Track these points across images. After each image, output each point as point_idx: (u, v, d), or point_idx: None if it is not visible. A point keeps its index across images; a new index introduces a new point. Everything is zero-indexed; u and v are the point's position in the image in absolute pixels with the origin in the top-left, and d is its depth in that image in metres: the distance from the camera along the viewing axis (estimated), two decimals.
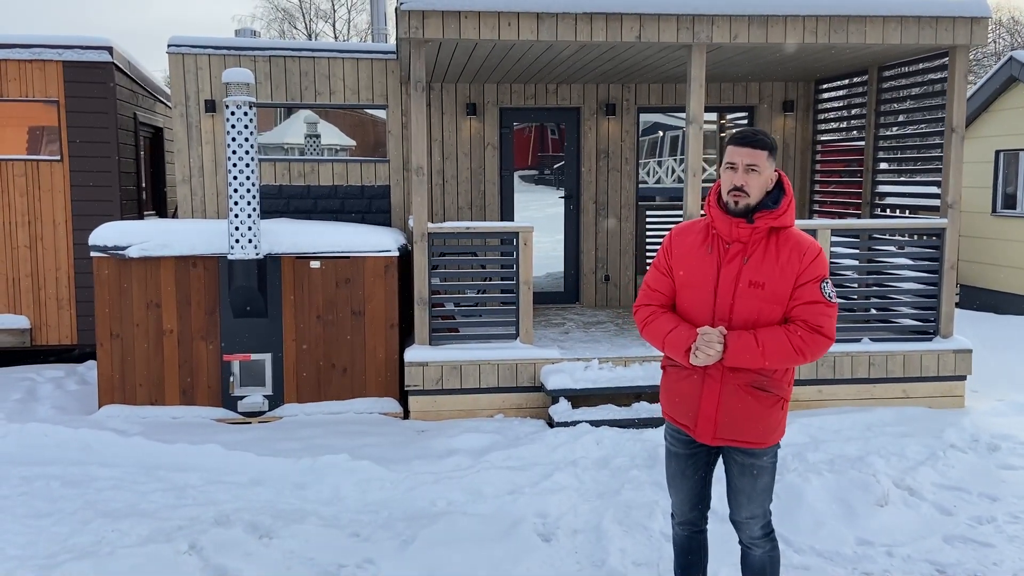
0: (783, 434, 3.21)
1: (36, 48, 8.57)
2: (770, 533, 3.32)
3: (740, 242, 3.09)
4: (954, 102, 7.02)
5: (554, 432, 6.28)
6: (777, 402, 3.13)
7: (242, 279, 6.64)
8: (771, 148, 3.08)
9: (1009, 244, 11.47)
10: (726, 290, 3.07)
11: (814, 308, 3.02)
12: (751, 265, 3.06)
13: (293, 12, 38.85)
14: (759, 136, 3.08)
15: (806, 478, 5.09)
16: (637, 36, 6.68)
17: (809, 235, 3.15)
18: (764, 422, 3.12)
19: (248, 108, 6.50)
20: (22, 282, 8.75)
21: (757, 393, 3.09)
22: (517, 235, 7.06)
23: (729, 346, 3.02)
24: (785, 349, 3.00)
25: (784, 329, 3.02)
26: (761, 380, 3.09)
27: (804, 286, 3.03)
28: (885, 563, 4.38)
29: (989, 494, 5.22)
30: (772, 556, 3.32)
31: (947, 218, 7.12)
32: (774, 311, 3.05)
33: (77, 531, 4.59)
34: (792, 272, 3.03)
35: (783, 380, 3.14)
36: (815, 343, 3.01)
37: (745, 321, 3.06)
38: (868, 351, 7.10)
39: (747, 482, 3.22)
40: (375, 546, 4.46)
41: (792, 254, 3.04)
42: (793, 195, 3.13)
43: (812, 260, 3.04)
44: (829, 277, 3.10)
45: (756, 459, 3.19)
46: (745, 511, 3.27)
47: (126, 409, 6.90)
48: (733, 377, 3.09)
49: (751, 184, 3.04)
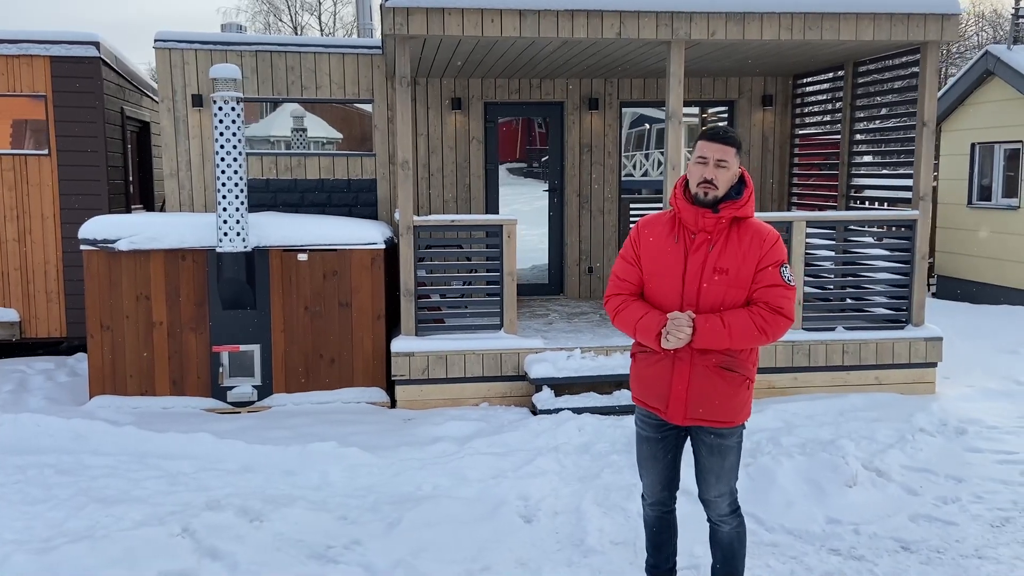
0: (749, 414, 3.41)
1: (23, 43, 8.63)
2: (737, 510, 3.50)
3: (706, 231, 3.28)
4: (925, 96, 7.21)
5: (537, 419, 6.44)
6: (744, 382, 3.32)
7: (230, 271, 6.76)
8: (739, 145, 3.29)
9: (985, 235, 11.71)
10: (694, 276, 3.27)
11: (775, 291, 3.23)
12: (715, 252, 3.26)
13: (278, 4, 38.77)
14: (729, 133, 3.28)
15: (778, 460, 5.27)
16: (617, 33, 6.83)
17: (768, 224, 3.36)
18: (732, 401, 3.31)
19: (235, 103, 6.61)
20: (11, 276, 8.83)
21: (724, 373, 3.29)
22: (501, 228, 7.21)
23: (698, 329, 3.21)
24: (750, 329, 3.20)
25: (747, 311, 3.23)
26: (728, 360, 3.29)
27: (765, 270, 3.24)
28: (852, 540, 4.57)
29: (955, 475, 5.43)
30: (739, 532, 3.51)
31: (919, 210, 7.32)
32: (738, 295, 3.25)
33: (72, 516, 4.71)
34: (754, 258, 3.24)
35: (748, 361, 3.34)
36: (776, 323, 3.23)
37: (711, 305, 3.26)
38: (842, 339, 7.30)
39: (715, 461, 3.40)
40: (362, 528, 4.62)
41: (753, 241, 3.25)
42: (753, 188, 3.32)
43: (772, 246, 3.26)
44: (787, 263, 3.31)
45: (724, 439, 3.38)
46: (714, 490, 3.45)
47: (117, 400, 7.02)
48: (702, 359, 3.28)
49: (720, 178, 3.24)
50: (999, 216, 11.46)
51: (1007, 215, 11.33)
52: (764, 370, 7.24)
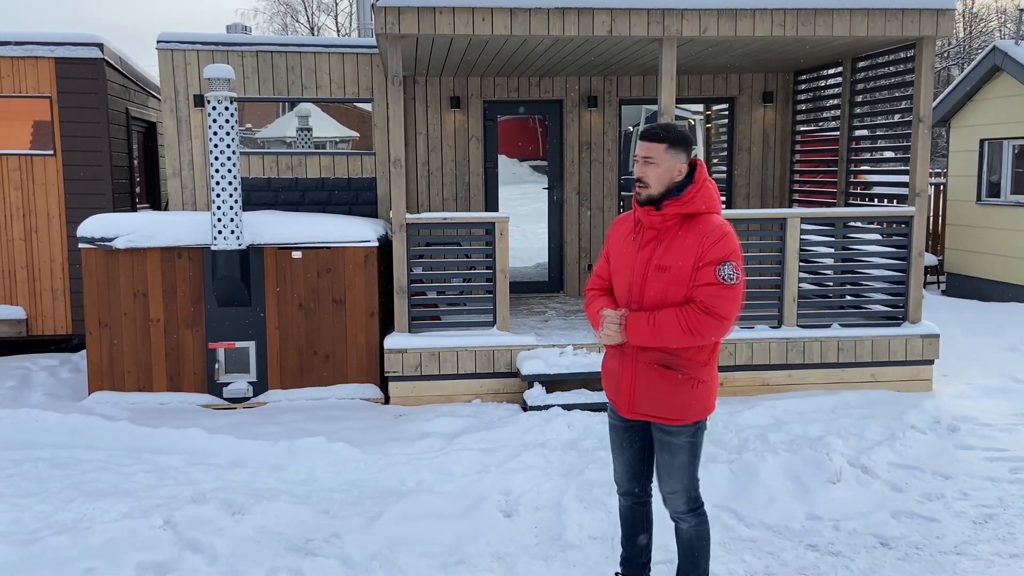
0: (702, 414, 3.37)
1: (28, 45, 8.77)
2: (696, 509, 3.49)
3: (654, 229, 3.32)
4: (921, 92, 7.16)
5: (527, 416, 6.47)
6: (688, 381, 3.30)
7: (225, 269, 6.84)
8: (670, 140, 3.26)
9: (993, 232, 11.59)
10: (639, 274, 3.32)
11: (708, 290, 3.19)
12: (661, 250, 3.28)
13: (295, 5, 39.04)
14: (655, 130, 3.30)
15: (762, 457, 5.26)
16: (609, 30, 6.84)
17: (720, 220, 3.30)
18: (674, 400, 3.31)
19: (229, 103, 6.68)
20: (18, 274, 8.98)
21: (664, 371, 3.30)
22: (494, 225, 7.24)
23: (627, 326, 3.28)
24: (675, 329, 3.19)
25: (677, 310, 3.21)
26: (668, 359, 3.30)
27: (701, 269, 3.21)
28: (831, 536, 4.56)
29: (942, 472, 5.40)
30: (699, 531, 3.51)
31: (915, 206, 7.27)
32: (678, 293, 3.25)
33: (60, 509, 4.79)
34: (692, 255, 3.22)
35: (695, 360, 3.31)
36: (705, 324, 3.18)
37: (653, 302, 3.28)
38: (837, 336, 7.26)
39: (665, 458, 3.42)
40: (343, 522, 4.66)
41: (696, 239, 3.23)
42: (705, 183, 3.30)
43: (712, 244, 3.20)
44: (735, 260, 3.22)
45: (671, 436, 3.38)
46: (666, 485, 3.46)
47: (115, 395, 7.12)
48: (643, 355, 3.33)
49: (649, 175, 3.27)
50: (1008, 213, 11.34)
51: (1016, 212, 11.20)
52: (758, 367, 7.23)
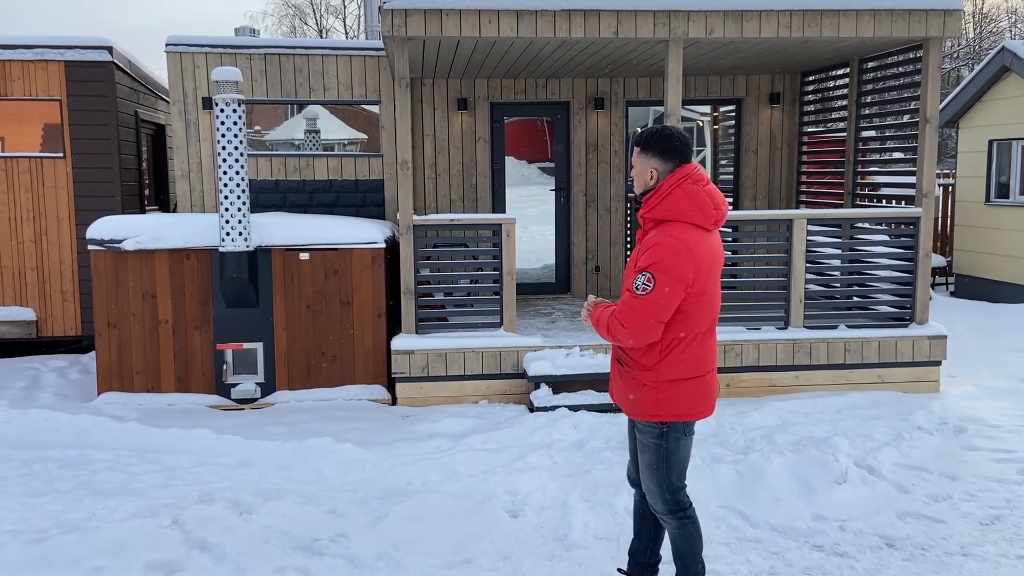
0: (655, 418, 3.39)
1: (38, 48, 8.84)
2: (676, 512, 3.49)
3: (642, 229, 3.48)
4: (928, 93, 7.15)
5: (534, 416, 6.48)
6: (632, 380, 3.40)
7: (233, 270, 6.88)
8: (643, 144, 3.37)
9: (1002, 233, 11.54)
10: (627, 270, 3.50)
11: (623, 296, 3.38)
12: (635, 250, 3.46)
13: (304, 8, 39.18)
14: (638, 134, 3.45)
15: (768, 458, 5.26)
16: (615, 32, 6.85)
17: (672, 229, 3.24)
18: (628, 394, 3.46)
19: (237, 105, 6.72)
20: (28, 275, 9.05)
21: (616, 364, 3.53)
22: (500, 227, 7.25)
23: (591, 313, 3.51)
24: (602, 324, 3.40)
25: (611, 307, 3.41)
26: (619, 354, 3.51)
27: (632, 274, 3.37)
28: (837, 537, 4.56)
29: (949, 473, 5.38)
30: (682, 533, 3.53)
31: (922, 207, 7.25)
32: None
33: (70, 508, 4.83)
34: (634, 260, 3.38)
35: (639, 362, 3.37)
36: (614, 327, 3.34)
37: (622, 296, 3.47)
38: (844, 337, 7.25)
39: (640, 454, 3.54)
40: (349, 521, 4.68)
41: (643, 245, 3.36)
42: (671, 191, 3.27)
43: (645, 251, 3.30)
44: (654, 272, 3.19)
45: (640, 432, 3.51)
46: (644, 482, 3.56)
47: (123, 396, 7.17)
48: (613, 350, 3.57)
49: (633, 176, 3.47)
50: (1017, 214, 11.29)
51: None
52: (764, 368, 7.23)
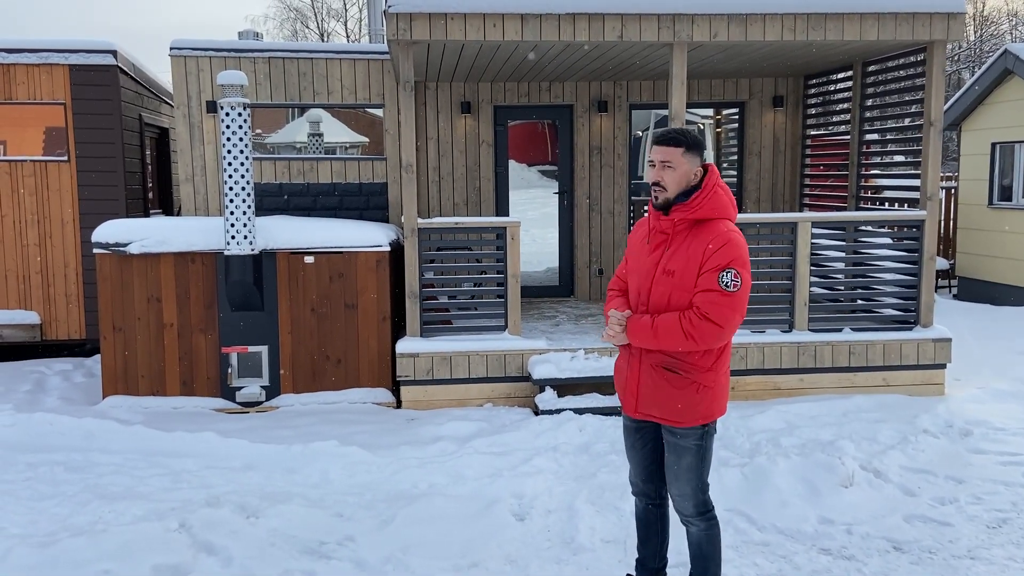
0: (707, 418, 3.39)
1: (43, 52, 8.86)
2: (705, 513, 3.49)
3: (664, 233, 3.38)
4: (932, 96, 7.16)
5: (539, 419, 6.48)
6: (690, 385, 3.33)
7: (238, 274, 6.89)
8: (687, 145, 3.30)
9: (1005, 236, 11.55)
10: (647, 277, 3.38)
11: (708, 296, 3.23)
12: (668, 254, 3.34)
13: (305, 12, 39.23)
14: (672, 134, 3.35)
15: (774, 461, 5.26)
16: (619, 36, 6.86)
17: (727, 226, 3.29)
18: (676, 402, 3.35)
19: (242, 109, 6.74)
20: (32, 279, 9.05)
21: (666, 373, 3.35)
22: (505, 230, 7.26)
23: (628, 328, 3.36)
24: (676, 333, 3.24)
25: (679, 314, 3.26)
26: (670, 362, 3.34)
27: (704, 274, 3.25)
28: (844, 540, 4.56)
29: (956, 476, 5.38)
30: (708, 535, 3.51)
31: (926, 210, 7.26)
32: (683, 297, 3.29)
33: (76, 512, 4.84)
34: (697, 261, 3.26)
35: (697, 364, 3.33)
36: (703, 330, 3.22)
37: (658, 305, 3.33)
38: (849, 340, 7.25)
39: (671, 459, 3.46)
40: (356, 524, 4.69)
41: (701, 244, 3.27)
42: (715, 189, 3.31)
43: (717, 250, 3.23)
44: (736, 268, 3.21)
45: (676, 438, 3.42)
46: (673, 487, 3.49)
47: (129, 399, 7.17)
48: (647, 357, 3.39)
49: (666, 179, 3.31)
50: (1020, 216, 11.29)
51: None
52: (769, 371, 7.23)
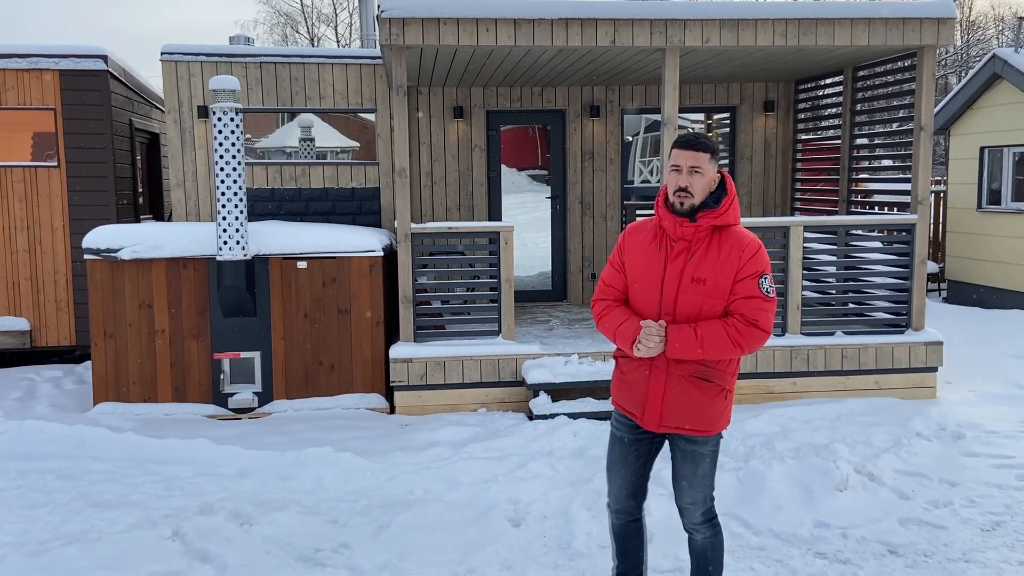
0: (727, 423, 3.39)
1: (33, 57, 8.81)
2: (712, 520, 3.47)
3: (685, 240, 3.27)
4: (922, 100, 7.19)
5: (533, 424, 6.48)
6: (721, 392, 3.30)
7: (231, 279, 6.86)
8: (712, 151, 3.25)
9: (994, 239, 11.62)
10: (671, 285, 3.26)
11: (751, 303, 3.20)
12: (694, 262, 3.25)
13: (295, 16, 39.17)
14: (701, 140, 3.27)
15: (769, 465, 5.27)
16: (612, 41, 6.87)
17: (751, 233, 3.31)
18: (707, 411, 3.30)
19: (234, 114, 6.71)
20: (22, 285, 8.99)
21: (700, 383, 3.27)
22: (498, 235, 7.26)
23: (669, 339, 3.21)
24: (723, 341, 3.18)
25: (723, 322, 3.20)
26: (704, 371, 3.27)
27: (743, 281, 3.20)
28: (839, 544, 4.57)
29: (949, 480, 5.40)
30: (713, 542, 3.49)
31: (917, 214, 7.29)
32: (715, 305, 3.23)
33: (68, 520, 4.80)
34: (732, 268, 3.21)
35: (727, 371, 3.31)
36: (752, 336, 3.19)
37: (688, 315, 3.24)
38: (841, 344, 7.27)
39: (688, 468, 3.39)
40: (351, 531, 4.67)
41: (732, 251, 3.22)
42: (736, 194, 3.30)
43: (751, 256, 3.21)
44: (769, 273, 3.25)
45: (698, 446, 3.36)
46: (687, 497, 3.43)
47: (120, 406, 7.12)
48: (677, 368, 3.28)
49: (695, 185, 3.22)
50: (1009, 220, 11.37)
51: (1018, 219, 11.23)
52: (762, 375, 7.24)
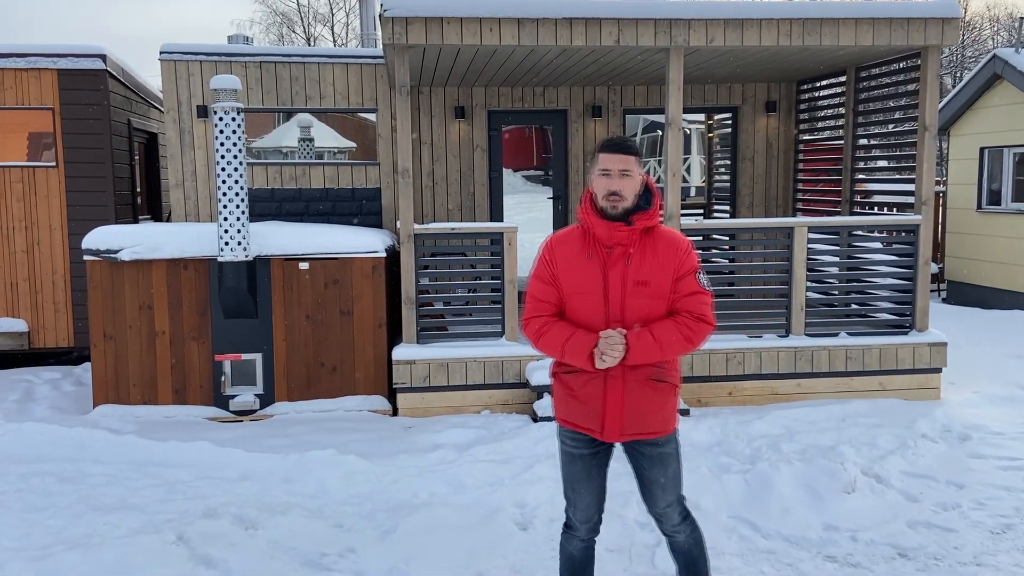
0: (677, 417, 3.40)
1: (32, 57, 8.75)
2: (688, 517, 3.44)
3: (621, 244, 3.22)
4: (926, 101, 7.17)
5: (538, 426, 6.43)
6: (672, 389, 3.34)
7: (232, 280, 6.81)
8: (638, 153, 3.27)
9: (994, 240, 11.62)
10: (616, 292, 3.21)
11: (695, 298, 3.23)
12: (634, 265, 3.22)
13: (291, 16, 39.08)
14: (628, 143, 3.26)
15: (776, 467, 5.24)
16: (616, 40, 6.83)
17: (676, 231, 3.35)
18: (663, 411, 3.30)
19: (236, 113, 6.66)
20: (20, 286, 8.93)
21: (656, 385, 3.26)
22: (502, 235, 7.21)
23: (631, 345, 3.15)
24: (678, 340, 3.20)
25: (673, 321, 3.21)
26: (658, 372, 3.27)
27: (683, 279, 3.23)
28: (849, 547, 4.53)
29: (956, 482, 5.37)
30: (695, 538, 3.46)
31: (921, 215, 7.27)
32: (660, 306, 3.23)
33: (70, 524, 4.75)
34: (671, 267, 3.23)
35: (674, 368, 3.35)
36: (701, 331, 3.23)
37: (636, 319, 3.22)
38: (845, 345, 7.25)
39: (659, 472, 3.34)
40: (357, 536, 4.62)
41: (668, 250, 3.23)
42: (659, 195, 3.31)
43: (687, 253, 3.25)
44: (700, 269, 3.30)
45: (662, 447, 3.32)
46: (662, 500, 3.37)
47: (120, 408, 7.06)
48: (633, 374, 3.23)
49: (625, 189, 3.19)
50: (1010, 220, 11.37)
51: (1017, 219, 11.24)
52: (767, 376, 7.22)
